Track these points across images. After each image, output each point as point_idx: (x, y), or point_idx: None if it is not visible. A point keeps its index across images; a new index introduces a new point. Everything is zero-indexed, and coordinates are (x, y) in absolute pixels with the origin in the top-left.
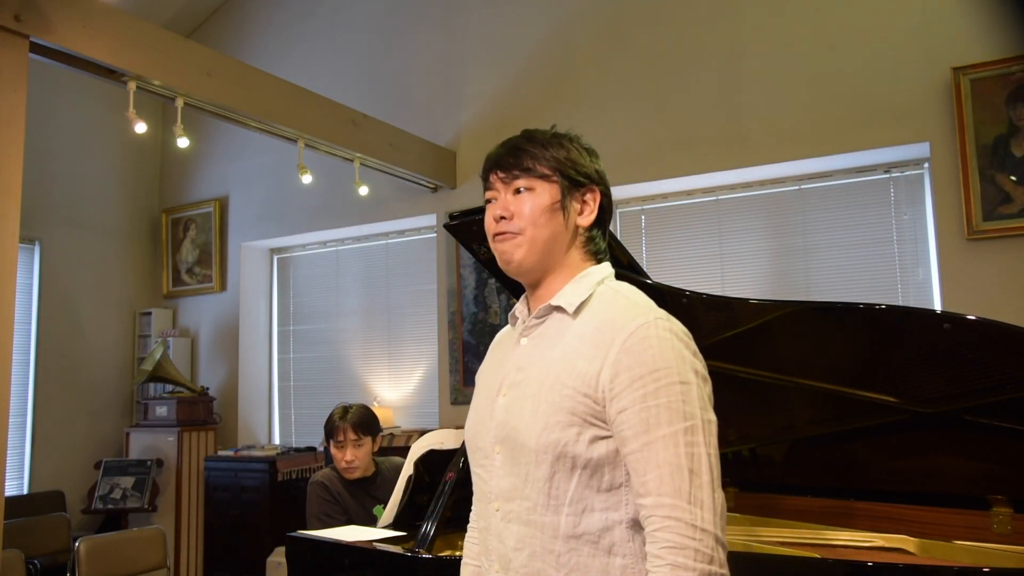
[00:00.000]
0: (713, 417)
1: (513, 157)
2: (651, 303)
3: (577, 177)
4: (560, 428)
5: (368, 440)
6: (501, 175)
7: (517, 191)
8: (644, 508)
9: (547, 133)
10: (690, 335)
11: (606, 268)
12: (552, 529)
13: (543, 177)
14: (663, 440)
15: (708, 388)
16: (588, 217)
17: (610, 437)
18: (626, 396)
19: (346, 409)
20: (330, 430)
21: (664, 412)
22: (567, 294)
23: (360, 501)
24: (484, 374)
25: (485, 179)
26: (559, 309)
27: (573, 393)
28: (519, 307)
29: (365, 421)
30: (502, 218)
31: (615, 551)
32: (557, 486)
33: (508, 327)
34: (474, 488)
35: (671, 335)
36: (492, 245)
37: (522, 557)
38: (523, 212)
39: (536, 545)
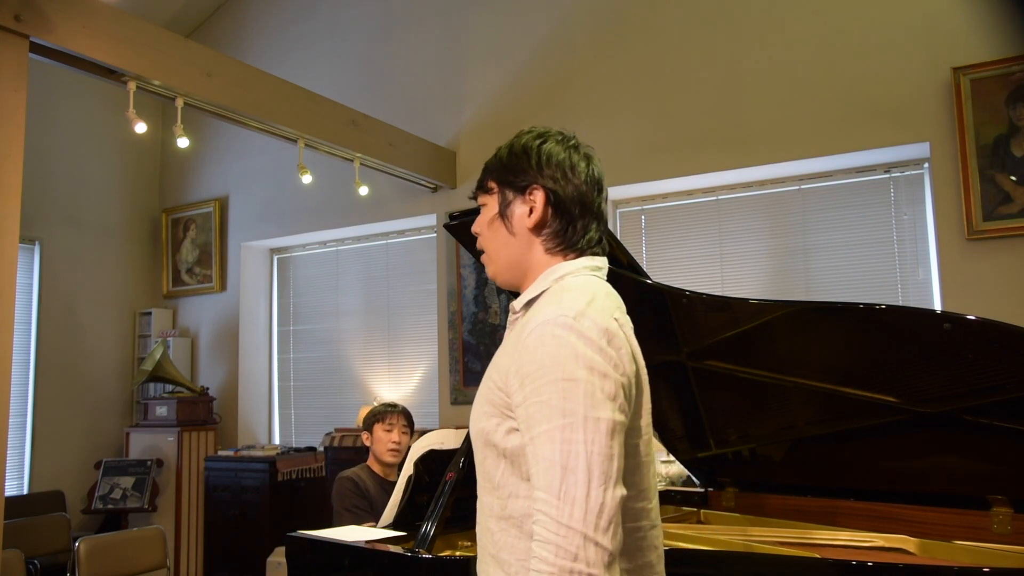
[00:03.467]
0: (604, 415)
1: (480, 176)
2: (581, 301)
3: (514, 180)
4: (485, 418)
5: (409, 434)
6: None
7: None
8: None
9: (505, 145)
10: (609, 332)
11: (574, 264)
12: (489, 509)
13: (488, 191)
14: (542, 436)
15: (607, 384)
16: (534, 216)
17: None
18: (519, 392)
19: (394, 403)
20: (380, 415)
21: (544, 409)
22: (524, 293)
23: (384, 501)
24: None
25: None
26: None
27: (493, 387)
28: None
29: (412, 419)
30: (477, 234)
31: None
32: (488, 470)
33: None
34: None
35: (567, 332)
36: None
37: (478, 531)
38: (481, 227)
39: (482, 523)
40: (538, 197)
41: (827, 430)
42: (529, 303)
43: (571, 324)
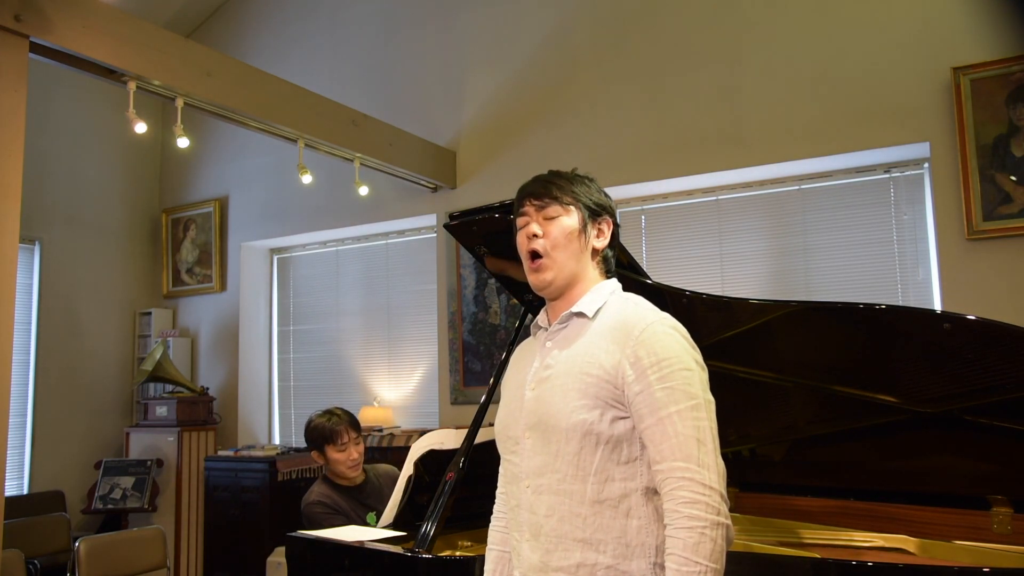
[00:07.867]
0: (712, 398)
1: (543, 188)
2: (656, 308)
3: (594, 207)
4: (586, 410)
5: (361, 438)
6: (535, 202)
7: (547, 217)
8: (660, 472)
9: (570, 173)
10: (688, 333)
11: (616, 282)
12: (579, 496)
13: (567, 205)
14: (675, 415)
15: (706, 375)
16: (603, 240)
17: (628, 417)
18: (642, 380)
19: (332, 413)
20: (328, 435)
21: (673, 393)
22: (587, 302)
23: (355, 510)
24: (510, 379)
25: (519, 207)
26: (580, 315)
27: (596, 381)
28: (541, 318)
29: (356, 419)
30: (535, 235)
31: (632, 514)
32: (584, 459)
33: (529, 339)
34: (504, 474)
35: (675, 331)
36: (527, 273)
37: (552, 522)
38: (552, 233)
39: (564, 510)
40: (608, 226)
41: (827, 430)
42: (597, 311)
43: (676, 325)
